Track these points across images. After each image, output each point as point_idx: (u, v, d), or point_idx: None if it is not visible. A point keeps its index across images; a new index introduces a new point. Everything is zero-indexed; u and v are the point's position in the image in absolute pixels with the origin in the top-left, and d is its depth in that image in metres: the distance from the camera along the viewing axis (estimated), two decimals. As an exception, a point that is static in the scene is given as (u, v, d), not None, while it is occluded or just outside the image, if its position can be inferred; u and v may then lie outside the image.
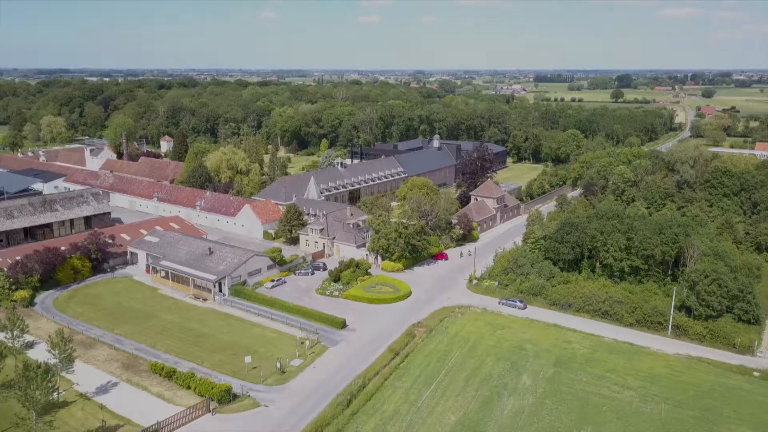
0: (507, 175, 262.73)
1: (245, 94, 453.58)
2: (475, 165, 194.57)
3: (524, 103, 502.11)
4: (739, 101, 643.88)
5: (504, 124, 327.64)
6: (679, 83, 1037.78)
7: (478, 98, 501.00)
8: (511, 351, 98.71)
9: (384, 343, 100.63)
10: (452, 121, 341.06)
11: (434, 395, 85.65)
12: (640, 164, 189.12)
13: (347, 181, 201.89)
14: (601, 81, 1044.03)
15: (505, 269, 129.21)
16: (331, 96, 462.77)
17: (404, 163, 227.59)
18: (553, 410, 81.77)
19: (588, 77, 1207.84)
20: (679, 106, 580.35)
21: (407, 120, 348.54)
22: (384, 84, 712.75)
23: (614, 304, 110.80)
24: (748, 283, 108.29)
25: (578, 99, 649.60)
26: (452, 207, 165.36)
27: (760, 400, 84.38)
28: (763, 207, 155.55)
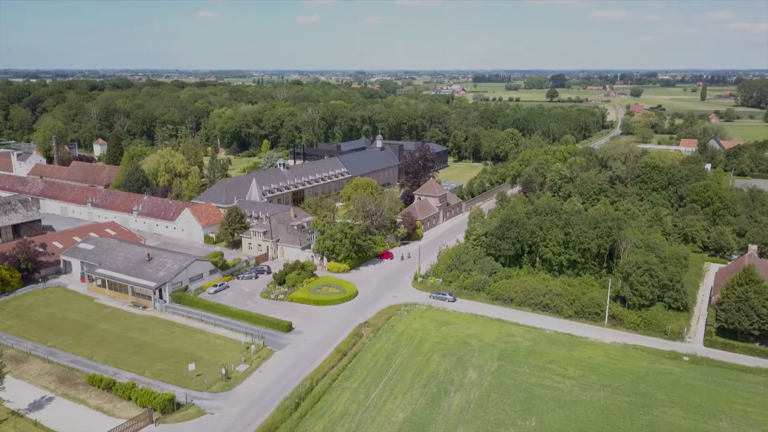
0: (448, 174, 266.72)
1: (183, 95, 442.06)
2: (418, 165, 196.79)
3: (464, 103, 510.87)
4: (665, 100, 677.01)
5: (444, 123, 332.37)
6: (610, 83, 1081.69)
7: (419, 98, 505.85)
8: (456, 346, 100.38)
9: (331, 345, 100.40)
10: (394, 121, 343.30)
11: (382, 394, 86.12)
12: (575, 161, 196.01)
13: (290, 182, 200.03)
14: (537, 81, 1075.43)
15: (449, 266, 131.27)
16: (272, 96, 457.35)
17: (348, 164, 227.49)
18: (498, 403, 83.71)
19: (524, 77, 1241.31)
20: (610, 105, 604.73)
21: (350, 120, 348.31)
22: (325, 84, 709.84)
23: (554, 297, 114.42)
24: (676, 273, 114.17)
25: (516, 99, 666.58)
26: (396, 206, 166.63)
27: (689, 383, 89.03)
28: (689, 200, 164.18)
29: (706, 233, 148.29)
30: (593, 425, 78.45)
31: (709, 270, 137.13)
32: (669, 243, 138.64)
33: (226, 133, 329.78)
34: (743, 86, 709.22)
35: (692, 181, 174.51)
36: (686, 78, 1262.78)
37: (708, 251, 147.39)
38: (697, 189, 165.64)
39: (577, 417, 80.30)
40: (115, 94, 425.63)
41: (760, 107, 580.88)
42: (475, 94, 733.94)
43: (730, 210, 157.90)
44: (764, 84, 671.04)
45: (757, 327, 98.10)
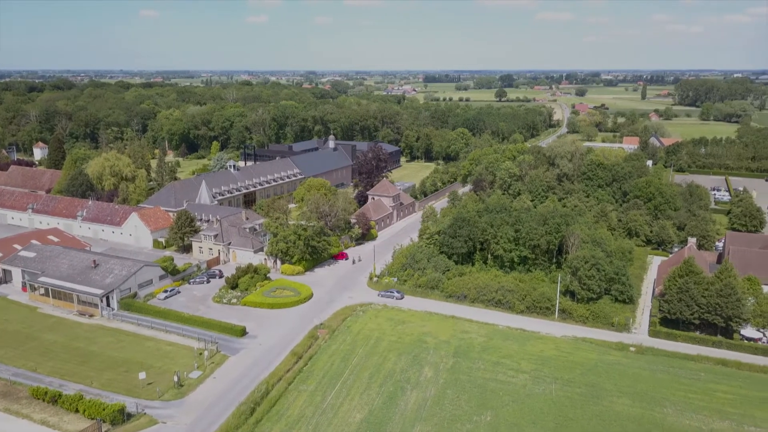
0: (401, 173, 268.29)
1: (128, 96, 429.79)
2: (371, 165, 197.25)
3: (415, 103, 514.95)
4: (608, 99, 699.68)
5: (396, 124, 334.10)
6: (556, 83, 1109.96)
7: (370, 99, 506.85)
8: (412, 345, 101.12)
9: (286, 348, 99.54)
10: (346, 121, 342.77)
11: (339, 395, 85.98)
12: (523, 160, 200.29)
13: (241, 184, 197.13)
14: (485, 81, 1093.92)
15: (403, 265, 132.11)
16: (221, 97, 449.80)
17: (300, 164, 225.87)
18: (454, 399, 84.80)
19: (474, 77, 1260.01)
20: (557, 104, 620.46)
21: (301, 121, 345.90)
22: (275, 84, 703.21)
23: (506, 293, 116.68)
24: (622, 267, 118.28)
25: (465, 98, 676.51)
26: (350, 207, 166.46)
27: (636, 373, 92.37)
28: (632, 196, 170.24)
29: (648, 227, 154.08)
30: (546, 417, 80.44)
31: (652, 263, 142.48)
32: (614, 238, 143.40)
33: (174, 134, 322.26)
34: (680, 86, 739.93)
35: (635, 177, 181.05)
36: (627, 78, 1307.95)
37: (651, 245, 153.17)
38: (639, 185, 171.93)
39: (530, 410, 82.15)
40: (55, 96, 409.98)
41: (695, 106, 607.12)
42: (426, 95, 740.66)
43: (671, 205, 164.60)
44: (699, 84, 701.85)
45: (697, 316, 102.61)
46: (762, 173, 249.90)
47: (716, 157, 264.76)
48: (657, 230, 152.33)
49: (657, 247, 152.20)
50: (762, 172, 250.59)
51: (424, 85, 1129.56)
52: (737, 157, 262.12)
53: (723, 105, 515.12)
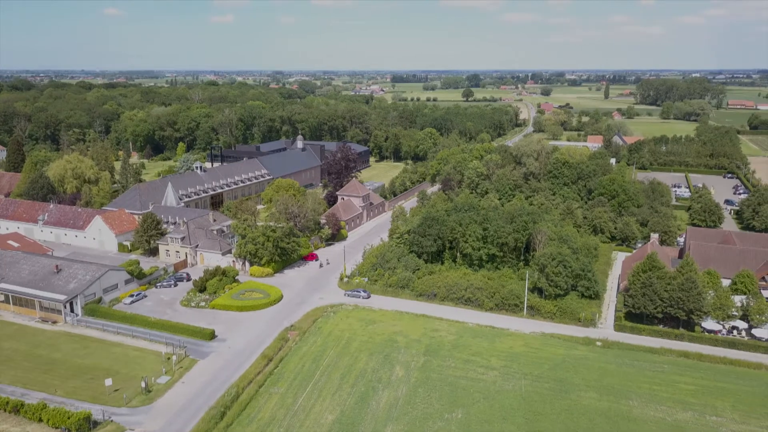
0: (371, 173, 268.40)
1: (90, 97, 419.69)
2: (340, 165, 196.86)
3: (383, 103, 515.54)
4: (572, 98, 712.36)
5: (365, 124, 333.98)
6: (522, 82, 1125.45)
7: (338, 99, 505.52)
8: (383, 344, 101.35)
9: (256, 350, 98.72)
10: (314, 121, 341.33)
11: (311, 397, 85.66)
12: (491, 159, 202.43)
13: (208, 185, 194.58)
14: (453, 81, 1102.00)
15: (374, 265, 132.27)
16: (186, 98, 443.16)
17: (268, 165, 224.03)
18: (425, 398, 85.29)
19: (441, 77, 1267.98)
20: (523, 104, 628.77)
21: (269, 121, 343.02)
22: (242, 85, 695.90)
23: (475, 290, 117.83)
24: (588, 263, 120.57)
25: (433, 98, 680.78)
26: (320, 207, 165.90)
27: (603, 367, 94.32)
28: (597, 193, 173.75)
29: (613, 224, 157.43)
30: (516, 413, 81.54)
31: (617, 259, 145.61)
32: (580, 234, 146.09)
33: (139, 136, 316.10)
34: (641, 85, 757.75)
35: (599, 175, 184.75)
36: (591, 78, 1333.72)
37: (615, 241, 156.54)
38: (603, 183, 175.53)
39: (501, 406, 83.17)
40: (13, 96, 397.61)
41: (656, 105, 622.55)
42: (394, 94, 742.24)
43: (634, 201, 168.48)
44: (660, 83, 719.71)
45: (660, 310, 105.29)
46: (720, 170, 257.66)
47: (676, 155, 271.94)
48: (621, 227, 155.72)
49: (621, 243, 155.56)
50: (720, 169, 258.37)
51: (391, 85, 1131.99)
52: (696, 155, 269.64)
53: (682, 104, 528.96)
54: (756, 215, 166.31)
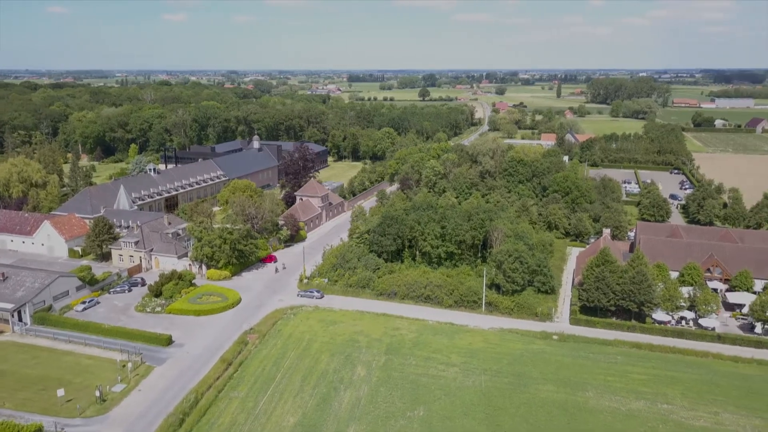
0: (329, 173, 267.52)
1: (35, 97, 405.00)
2: (298, 165, 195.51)
3: (340, 102, 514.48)
4: (526, 97, 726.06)
5: (322, 123, 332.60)
6: (476, 82, 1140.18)
7: (295, 98, 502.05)
8: (344, 345, 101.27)
9: (215, 355, 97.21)
10: (271, 121, 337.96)
11: (272, 400, 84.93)
12: (447, 158, 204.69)
13: (162, 187, 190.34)
14: (409, 80, 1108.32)
15: (334, 265, 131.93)
16: (138, 98, 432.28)
17: (224, 166, 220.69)
18: (387, 396, 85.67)
19: (397, 77, 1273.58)
20: (478, 103, 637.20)
21: (224, 121, 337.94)
22: (196, 84, 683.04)
23: (435, 288, 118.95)
24: (543, 258, 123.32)
25: (390, 98, 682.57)
26: (278, 208, 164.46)
27: (559, 360, 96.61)
28: (551, 190, 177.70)
29: (567, 220, 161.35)
30: (477, 408, 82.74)
31: (571, 254, 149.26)
32: (535, 231, 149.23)
33: (88, 137, 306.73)
34: (592, 85, 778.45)
35: (553, 172, 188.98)
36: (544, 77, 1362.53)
37: (569, 236, 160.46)
38: (557, 180, 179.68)
39: (461, 402, 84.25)
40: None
41: (606, 103, 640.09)
42: (351, 94, 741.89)
43: (586, 198, 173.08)
44: (609, 83, 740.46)
45: (613, 303, 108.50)
46: (667, 166, 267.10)
47: (626, 152, 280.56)
48: (574, 222, 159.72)
49: (575, 238, 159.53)
50: (666, 165, 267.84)
51: (348, 84, 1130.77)
52: (644, 152, 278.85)
53: (631, 102, 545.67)
54: (701, 209, 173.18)
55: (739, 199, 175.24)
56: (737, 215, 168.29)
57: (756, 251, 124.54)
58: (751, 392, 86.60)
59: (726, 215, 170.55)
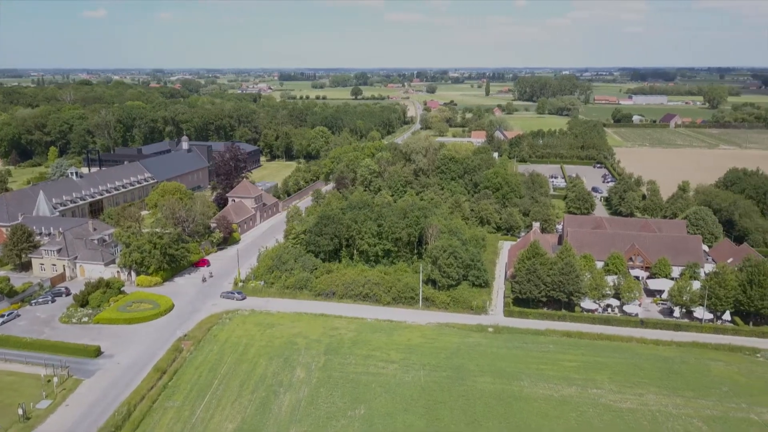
0: (262, 173, 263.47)
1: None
2: (229, 166, 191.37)
3: (271, 101, 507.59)
4: (456, 96, 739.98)
5: (254, 123, 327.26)
6: (408, 80, 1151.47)
7: (224, 97, 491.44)
8: (283, 347, 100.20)
9: (148, 364, 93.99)
10: (200, 121, 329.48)
11: (209, 407, 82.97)
12: (382, 156, 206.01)
13: (86, 192, 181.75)
14: (341, 79, 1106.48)
15: (270, 267, 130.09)
16: (56, 98, 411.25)
17: (152, 168, 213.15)
18: (328, 397, 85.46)
19: (329, 76, 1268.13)
20: (410, 102, 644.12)
21: (150, 122, 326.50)
22: (119, 84, 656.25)
23: (373, 286, 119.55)
24: (476, 253, 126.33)
25: (322, 96, 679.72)
26: (209, 210, 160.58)
27: (495, 352, 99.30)
28: (482, 187, 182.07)
29: (498, 215, 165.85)
30: (417, 403, 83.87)
31: (503, 248, 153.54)
32: (468, 226, 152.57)
33: (2, 140, 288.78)
34: (518, 83, 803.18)
35: (484, 169, 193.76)
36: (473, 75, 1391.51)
37: (501, 231, 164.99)
38: (488, 176, 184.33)
39: (401, 398, 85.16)
40: None
41: (532, 101, 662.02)
42: (282, 93, 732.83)
43: (516, 193, 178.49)
44: (534, 81, 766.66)
45: (544, 294, 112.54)
46: (590, 161, 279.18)
47: (552, 148, 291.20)
48: (505, 217, 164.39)
49: (506, 232, 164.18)
50: (590, 159, 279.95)
51: (279, 83, 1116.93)
52: (569, 147, 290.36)
53: (555, 100, 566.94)
54: (622, 201, 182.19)
55: (656, 190, 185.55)
56: (655, 206, 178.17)
57: (673, 240, 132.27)
58: (672, 373, 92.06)
59: (645, 206, 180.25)
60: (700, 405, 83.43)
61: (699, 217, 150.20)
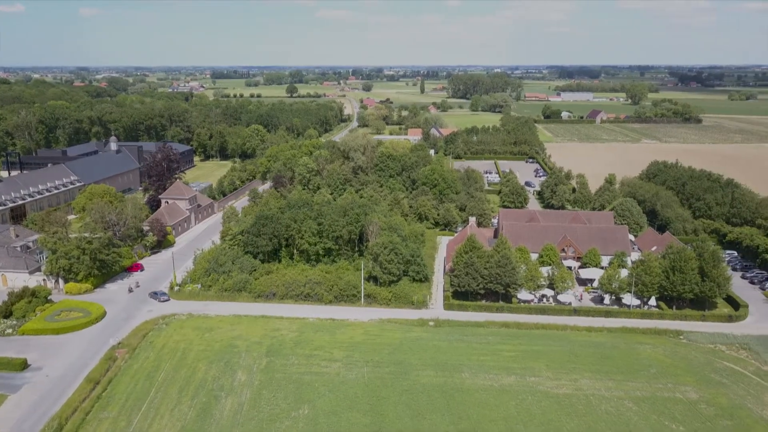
0: (196, 174, 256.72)
1: None
2: (161, 166, 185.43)
3: (204, 100, 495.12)
4: (392, 93, 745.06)
5: (186, 122, 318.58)
6: (343, 78, 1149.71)
7: (154, 96, 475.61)
8: (222, 351, 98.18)
9: (80, 375, 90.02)
10: (129, 121, 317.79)
11: (147, 416, 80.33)
12: (320, 155, 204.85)
13: (6, 197, 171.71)
14: (276, 77, 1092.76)
15: (206, 270, 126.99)
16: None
17: (78, 171, 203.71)
18: (270, 399, 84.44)
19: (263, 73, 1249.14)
20: (346, 99, 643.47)
21: (75, 122, 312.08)
22: (40, 82, 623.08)
23: (314, 285, 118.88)
24: (416, 249, 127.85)
25: (257, 95, 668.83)
26: (142, 213, 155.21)
27: (436, 345, 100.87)
28: (420, 183, 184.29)
29: (436, 211, 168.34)
30: (361, 400, 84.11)
31: (441, 242, 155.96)
32: (408, 223, 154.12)
33: None
34: (452, 80, 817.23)
35: (421, 166, 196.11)
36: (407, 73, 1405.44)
37: (439, 226, 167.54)
38: (425, 173, 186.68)
39: (345, 396, 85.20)
40: None
41: (466, 98, 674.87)
42: (216, 91, 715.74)
43: (452, 189, 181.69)
44: (467, 78, 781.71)
45: (482, 286, 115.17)
46: (522, 156, 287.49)
47: (486, 144, 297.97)
48: (443, 213, 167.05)
49: (444, 228, 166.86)
50: (522, 155, 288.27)
51: (212, 81, 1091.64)
52: (502, 143, 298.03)
53: (488, 97, 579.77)
54: (554, 195, 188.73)
55: (585, 184, 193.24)
56: (584, 199, 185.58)
57: (601, 230, 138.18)
58: (604, 357, 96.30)
59: (575, 199, 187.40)
60: (630, 387, 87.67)
61: (625, 208, 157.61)
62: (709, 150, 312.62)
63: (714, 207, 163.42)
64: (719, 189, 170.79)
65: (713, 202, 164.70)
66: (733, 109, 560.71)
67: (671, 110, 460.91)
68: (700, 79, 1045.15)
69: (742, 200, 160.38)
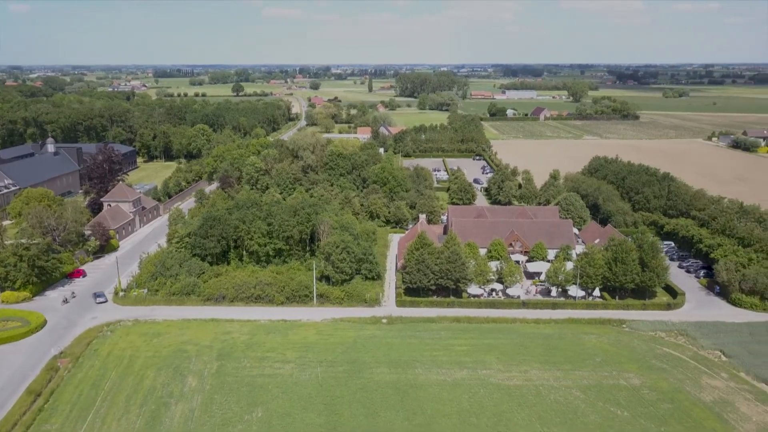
0: (140, 175, 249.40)
1: None
2: (103, 168, 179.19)
3: (147, 99, 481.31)
4: (340, 92, 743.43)
5: (128, 122, 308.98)
6: (290, 77, 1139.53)
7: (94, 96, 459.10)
8: (171, 357, 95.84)
9: (19, 387, 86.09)
10: (67, 121, 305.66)
11: (92, 427, 77.62)
12: (268, 154, 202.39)
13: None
14: (221, 75, 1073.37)
15: (153, 274, 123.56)
16: None
17: (13, 174, 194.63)
18: (223, 403, 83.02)
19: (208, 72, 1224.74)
20: (294, 98, 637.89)
21: (8, 123, 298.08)
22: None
23: (265, 287, 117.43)
24: (368, 247, 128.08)
25: (202, 94, 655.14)
26: (82, 217, 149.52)
27: (389, 342, 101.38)
28: (370, 181, 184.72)
29: (386, 209, 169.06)
30: (315, 401, 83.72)
31: (393, 240, 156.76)
32: (359, 221, 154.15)
33: None
34: (400, 79, 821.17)
35: (371, 164, 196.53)
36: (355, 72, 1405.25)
37: (390, 224, 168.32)
38: (375, 171, 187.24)
39: (299, 397, 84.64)
40: None
41: (414, 97, 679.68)
42: (158, 90, 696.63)
43: (403, 187, 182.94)
44: (415, 77, 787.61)
45: (433, 282, 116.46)
46: (469, 153, 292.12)
47: (434, 142, 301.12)
48: (394, 210, 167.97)
49: (395, 225, 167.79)
50: (469, 152, 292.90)
51: (155, 80, 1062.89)
52: (450, 141, 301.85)
53: (435, 95, 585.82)
54: (500, 191, 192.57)
55: (530, 179, 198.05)
56: (530, 194, 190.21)
57: (547, 224, 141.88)
58: (552, 348, 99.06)
59: (521, 195, 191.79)
60: (577, 376, 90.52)
61: (569, 202, 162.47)
62: (647, 145, 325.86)
63: (652, 200, 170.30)
64: (656, 183, 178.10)
65: (651, 195, 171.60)
66: (668, 106, 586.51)
67: (611, 107, 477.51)
68: (637, 78, 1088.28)
69: (677, 193, 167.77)
